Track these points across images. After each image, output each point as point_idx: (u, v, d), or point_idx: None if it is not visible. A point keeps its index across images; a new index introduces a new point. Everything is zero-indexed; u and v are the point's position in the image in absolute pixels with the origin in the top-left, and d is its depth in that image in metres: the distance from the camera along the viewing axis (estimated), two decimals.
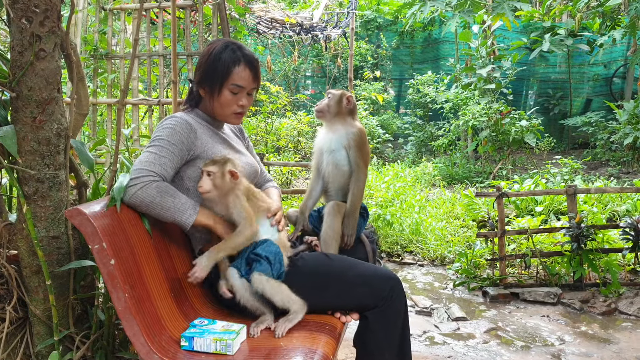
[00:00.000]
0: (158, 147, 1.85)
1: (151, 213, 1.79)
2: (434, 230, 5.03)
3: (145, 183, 1.76)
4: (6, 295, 2.02)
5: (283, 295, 1.82)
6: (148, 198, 1.76)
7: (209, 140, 2.00)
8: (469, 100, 8.06)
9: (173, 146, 1.86)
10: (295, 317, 1.82)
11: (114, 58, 4.20)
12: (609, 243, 4.05)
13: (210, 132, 2.04)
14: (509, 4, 7.54)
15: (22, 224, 1.90)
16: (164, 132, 1.88)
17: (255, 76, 2.02)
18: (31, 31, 1.73)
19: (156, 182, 1.78)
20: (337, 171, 2.26)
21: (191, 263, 2.10)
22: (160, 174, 1.81)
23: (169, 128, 1.89)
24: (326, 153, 2.27)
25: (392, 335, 1.96)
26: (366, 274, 1.98)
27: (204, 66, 2.00)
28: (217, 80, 1.97)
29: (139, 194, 1.75)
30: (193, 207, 1.82)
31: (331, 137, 2.26)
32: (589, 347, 3.03)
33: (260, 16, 6.14)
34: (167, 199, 1.77)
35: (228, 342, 1.72)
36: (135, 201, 1.76)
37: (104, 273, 1.68)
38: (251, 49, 2.14)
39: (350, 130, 2.25)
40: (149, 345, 1.68)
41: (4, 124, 1.84)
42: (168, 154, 1.85)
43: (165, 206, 1.78)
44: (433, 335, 3.21)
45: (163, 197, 1.77)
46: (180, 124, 1.91)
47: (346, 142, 2.23)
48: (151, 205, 1.77)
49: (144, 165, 1.80)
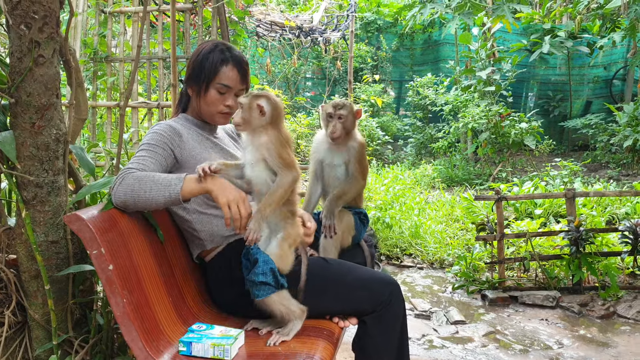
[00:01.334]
0: (140, 151, 1.86)
1: (140, 204, 1.73)
2: (433, 233, 5.03)
3: (122, 178, 1.73)
4: (5, 300, 2.03)
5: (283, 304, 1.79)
6: (129, 188, 1.71)
7: (197, 145, 1.99)
8: (468, 102, 8.06)
9: (155, 147, 1.86)
10: (291, 329, 1.81)
11: (114, 61, 4.20)
12: (608, 246, 4.05)
13: (199, 138, 2.03)
14: (509, 5, 7.54)
15: (21, 229, 1.90)
16: (147, 137, 1.90)
17: (243, 77, 2.03)
18: (30, 37, 1.74)
19: (132, 173, 1.74)
20: (337, 182, 2.29)
21: (189, 268, 2.12)
22: (137, 168, 1.77)
23: (152, 133, 1.91)
24: (328, 167, 2.30)
25: (390, 339, 1.97)
26: (364, 278, 1.98)
27: (192, 64, 2.03)
28: (204, 78, 1.98)
29: (119, 189, 1.72)
30: (177, 177, 1.73)
31: (334, 152, 2.28)
32: (587, 350, 3.03)
33: (260, 19, 6.15)
34: (147, 183, 1.71)
35: (226, 348, 1.72)
36: (119, 198, 1.72)
37: (102, 278, 1.68)
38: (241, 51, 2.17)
39: (352, 145, 2.27)
40: (147, 351, 1.68)
41: (3, 130, 1.84)
42: (149, 154, 1.84)
43: (147, 188, 1.70)
44: (432, 338, 3.21)
45: (142, 182, 1.71)
46: (163, 128, 1.93)
47: (347, 157, 2.27)
48: (134, 195, 1.70)
49: (124, 166, 1.80)
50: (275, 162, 1.72)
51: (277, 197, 1.72)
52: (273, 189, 1.72)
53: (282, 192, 1.72)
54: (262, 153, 1.74)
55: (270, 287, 1.77)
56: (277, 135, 1.75)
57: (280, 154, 1.72)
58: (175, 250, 2.07)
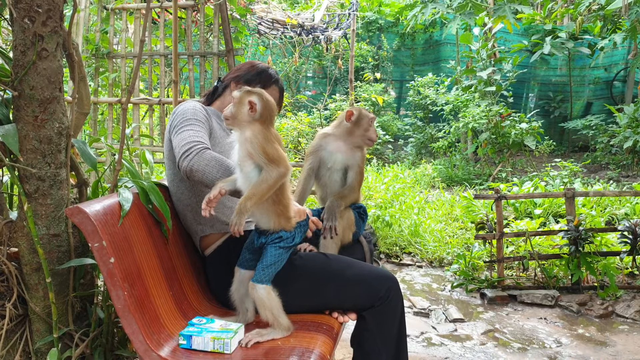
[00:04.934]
0: (191, 125, 1.96)
1: (205, 180, 1.83)
2: (432, 232, 5.04)
3: (198, 150, 1.84)
4: (6, 293, 2.03)
5: (273, 312, 1.77)
6: (204, 163, 1.82)
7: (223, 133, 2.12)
8: (469, 102, 8.07)
9: (202, 123, 2.01)
10: (269, 334, 1.79)
11: (116, 57, 4.21)
12: (607, 246, 4.06)
13: (219, 127, 2.15)
14: (510, 6, 7.55)
15: (23, 222, 1.91)
16: (187, 114, 2.01)
17: (279, 101, 2.26)
18: (34, 31, 1.75)
19: (207, 150, 1.86)
20: (335, 185, 2.33)
21: (190, 262, 2.13)
22: (207, 145, 1.90)
23: (190, 109, 2.03)
24: (329, 171, 2.32)
25: (388, 335, 1.98)
26: (363, 273, 1.99)
27: (248, 69, 2.23)
28: (257, 83, 2.17)
29: (196, 160, 1.82)
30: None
31: (337, 156, 2.31)
32: (585, 349, 3.04)
33: (262, 17, 6.16)
34: (221, 166, 1.83)
35: (226, 341, 1.73)
36: (192, 167, 1.82)
37: (103, 271, 1.69)
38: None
39: (357, 153, 2.31)
40: (147, 344, 1.69)
41: (6, 123, 1.85)
42: (202, 129, 1.98)
43: (218, 172, 1.81)
44: (430, 336, 3.22)
45: (217, 164, 1.83)
46: (195, 106, 2.07)
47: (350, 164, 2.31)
48: (206, 171, 1.81)
49: (191, 139, 1.89)
50: (260, 157, 1.68)
51: (260, 191, 1.67)
52: (256, 183, 1.68)
53: (266, 187, 1.67)
54: (246, 148, 1.70)
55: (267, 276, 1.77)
56: (263, 131, 1.71)
57: (264, 148, 1.68)
58: (175, 244, 2.08)
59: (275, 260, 1.78)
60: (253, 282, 1.77)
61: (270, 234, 1.79)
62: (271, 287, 1.77)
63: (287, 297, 1.82)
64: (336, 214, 2.17)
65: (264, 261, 1.78)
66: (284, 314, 1.80)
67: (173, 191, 2.13)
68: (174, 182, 2.11)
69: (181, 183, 2.09)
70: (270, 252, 1.78)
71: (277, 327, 1.79)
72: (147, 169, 2.56)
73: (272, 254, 1.78)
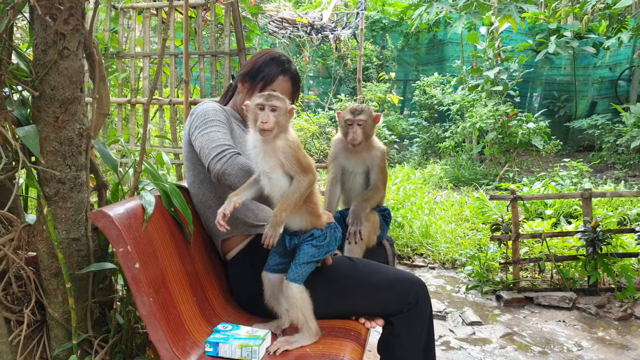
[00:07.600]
0: (215, 127, 1.90)
1: (233, 185, 1.78)
2: (443, 233, 4.99)
3: (230, 155, 1.80)
4: (24, 298, 1.98)
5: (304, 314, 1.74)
6: (237, 169, 1.78)
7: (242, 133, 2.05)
8: (476, 102, 8.02)
9: (223, 124, 1.95)
10: (298, 341, 1.75)
11: (125, 57, 4.16)
12: (622, 247, 4.01)
13: (238, 128, 2.08)
14: (515, 5, 7.50)
15: (42, 226, 1.86)
16: (209, 114, 1.95)
17: (293, 92, 2.14)
18: (55, 29, 1.69)
19: (238, 155, 1.82)
20: (359, 189, 2.30)
21: (212, 266, 2.08)
22: (237, 149, 1.86)
23: (211, 110, 1.97)
24: (349, 174, 2.30)
25: (417, 340, 1.93)
26: (391, 277, 1.95)
27: (253, 64, 2.11)
28: (260, 80, 2.06)
29: (230, 165, 1.78)
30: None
31: (354, 160, 2.28)
32: (607, 353, 2.99)
33: (271, 16, 6.11)
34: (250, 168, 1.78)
35: (254, 349, 1.69)
36: (225, 171, 1.78)
37: (128, 277, 1.64)
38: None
39: (375, 153, 2.27)
40: (173, 351, 1.64)
41: (25, 124, 1.80)
42: (226, 131, 1.93)
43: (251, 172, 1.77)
44: (449, 340, 3.17)
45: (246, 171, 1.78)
46: (215, 107, 2.01)
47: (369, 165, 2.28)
48: (237, 177, 1.77)
49: (220, 141, 1.84)
50: (293, 166, 1.67)
51: (293, 201, 1.66)
52: (289, 193, 1.67)
53: (298, 196, 1.67)
54: (278, 158, 1.67)
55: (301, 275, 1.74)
56: (292, 139, 1.70)
57: (297, 157, 1.67)
58: (197, 248, 2.03)
59: (309, 258, 1.75)
60: (287, 280, 1.74)
61: (303, 234, 1.77)
62: (304, 288, 1.73)
63: (315, 302, 1.77)
64: (361, 218, 2.12)
65: (299, 259, 1.75)
66: (314, 318, 1.76)
67: (194, 193, 2.08)
68: (195, 183, 2.06)
69: (202, 185, 2.04)
70: (304, 250, 1.75)
71: (306, 331, 1.75)
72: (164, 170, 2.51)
73: (306, 252, 1.75)
